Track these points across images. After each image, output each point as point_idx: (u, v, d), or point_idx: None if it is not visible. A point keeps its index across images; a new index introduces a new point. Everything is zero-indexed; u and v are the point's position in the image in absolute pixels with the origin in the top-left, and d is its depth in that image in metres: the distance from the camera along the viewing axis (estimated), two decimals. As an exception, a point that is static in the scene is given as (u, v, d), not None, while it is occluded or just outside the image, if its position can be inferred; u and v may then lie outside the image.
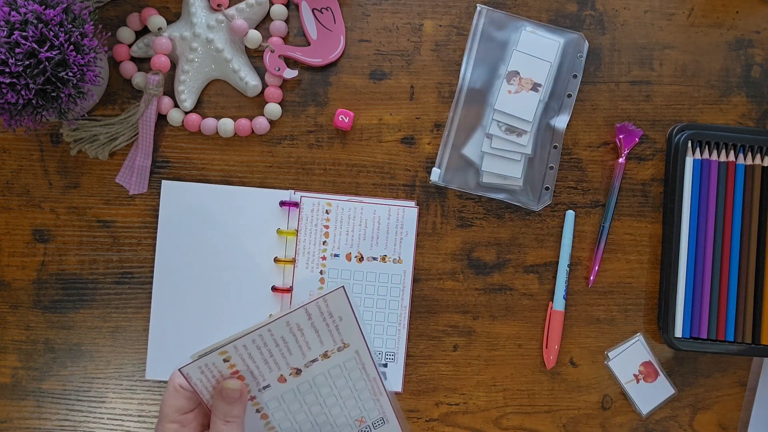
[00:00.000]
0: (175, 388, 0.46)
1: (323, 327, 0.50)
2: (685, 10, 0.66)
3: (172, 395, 0.46)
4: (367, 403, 0.56)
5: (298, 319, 0.48)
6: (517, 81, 0.63)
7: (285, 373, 0.50)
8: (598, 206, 0.66)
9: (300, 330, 0.49)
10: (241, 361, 0.47)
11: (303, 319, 0.49)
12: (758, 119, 0.66)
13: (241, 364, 0.47)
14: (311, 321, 0.49)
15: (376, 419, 0.57)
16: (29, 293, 0.64)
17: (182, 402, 0.46)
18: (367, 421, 0.57)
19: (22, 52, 0.51)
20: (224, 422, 0.46)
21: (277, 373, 0.50)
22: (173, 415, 0.46)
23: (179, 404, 0.46)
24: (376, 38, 0.64)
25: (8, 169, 0.64)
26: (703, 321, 0.64)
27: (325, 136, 0.64)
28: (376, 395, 0.56)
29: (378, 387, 0.56)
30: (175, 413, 0.46)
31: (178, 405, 0.46)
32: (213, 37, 0.62)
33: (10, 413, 0.64)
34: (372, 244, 0.63)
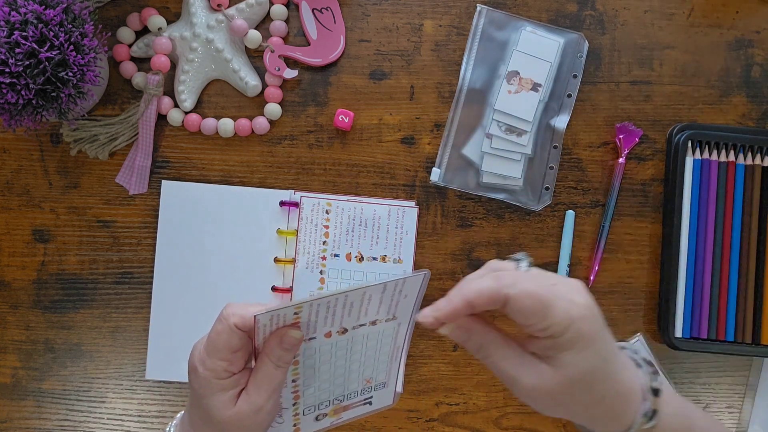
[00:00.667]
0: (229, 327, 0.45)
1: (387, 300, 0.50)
2: (685, 10, 0.66)
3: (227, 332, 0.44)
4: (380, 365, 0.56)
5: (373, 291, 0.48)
6: (517, 81, 0.63)
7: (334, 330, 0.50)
8: (598, 206, 0.66)
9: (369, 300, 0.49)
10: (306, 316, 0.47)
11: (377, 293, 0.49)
12: (758, 119, 0.66)
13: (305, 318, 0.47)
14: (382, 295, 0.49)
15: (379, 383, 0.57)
16: (29, 293, 0.64)
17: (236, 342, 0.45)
18: (372, 383, 0.57)
19: (22, 52, 0.51)
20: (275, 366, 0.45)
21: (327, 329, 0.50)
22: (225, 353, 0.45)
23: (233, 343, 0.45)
24: (376, 38, 0.64)
25: (8, 169, 0.64)
26: (703, 321, 0.64)
27: (325, 136, 0.64)
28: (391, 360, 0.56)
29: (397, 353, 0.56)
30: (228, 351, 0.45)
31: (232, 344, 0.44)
32: (213, 37, 0.62)
33: (10, 413, 0.64)
34: (372, 244, 0.63)
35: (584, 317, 0.38)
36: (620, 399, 0.40)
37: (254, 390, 0.45)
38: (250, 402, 0.45)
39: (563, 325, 0.37)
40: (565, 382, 0.38)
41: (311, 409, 0.57)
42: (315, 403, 0.56)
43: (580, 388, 0.39)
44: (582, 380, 0.38)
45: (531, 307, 0.38)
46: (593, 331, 0.38)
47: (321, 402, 0.56)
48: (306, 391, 0.55)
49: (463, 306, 0.40)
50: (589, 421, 0.41)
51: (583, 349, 0.38)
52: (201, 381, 0.45)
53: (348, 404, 0.57)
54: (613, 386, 0.40)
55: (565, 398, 0.39)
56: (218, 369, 0.44)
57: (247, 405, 0.45)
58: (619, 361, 0.40)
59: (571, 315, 0.38)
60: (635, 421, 0.39)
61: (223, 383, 0.45)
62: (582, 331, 0.38)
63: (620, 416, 0.40)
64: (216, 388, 0.44)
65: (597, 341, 0.39)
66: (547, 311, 0.38)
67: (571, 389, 0.39)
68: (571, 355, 0.38)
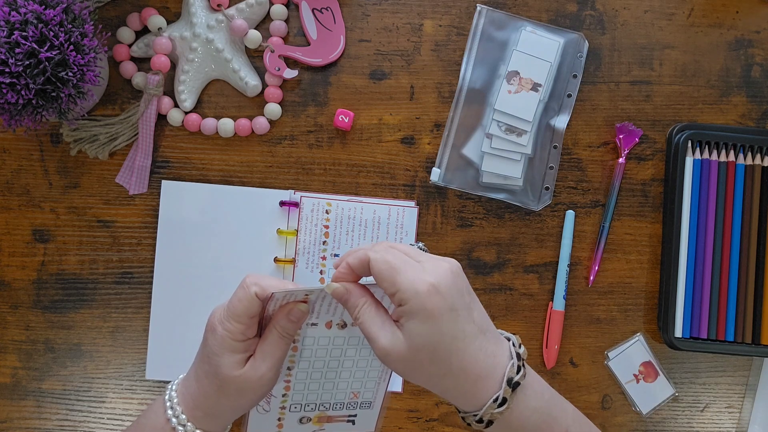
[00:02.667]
0: (250, 295, 0.48)
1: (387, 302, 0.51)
2: (685, 10, 0.66)
3: (248, 300, 0.48)
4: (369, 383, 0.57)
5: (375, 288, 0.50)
6: (517, 81, 0.63)
7: (335, 321, 0.53)
8: (598, 206, 0.66)
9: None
10: (314, 299, 0.50)
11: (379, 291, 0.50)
12: (758, 119, 0.66)
13: (313, 300, 0.50)
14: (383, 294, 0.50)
15: (365, 401, 0.58)
16: (29, 293, 0.64)
17: (254, 309, 0.48)
18: (358, 398, 0.58)
19: (22, 52, 0.51)
20: (281, 336, 0.49)
21: (329, 317, 0.52)
22: (244, 317, 0.48)
23: (252, 310, 0.48)
24: (376, 38, 0.64)
25: (8, 169, 0.64)
26: (703, 321, 0.64)
27: (325, 136, 0.64)
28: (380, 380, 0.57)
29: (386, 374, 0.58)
30: (246, 317, 0.48)
31: (251, 310, 0.48)
32: (213, 37, 0.62)
33: (10, 413, 0.64)
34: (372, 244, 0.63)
35: (429, 293, 0.42)
36: (468, 379, 0.43)
37: (260, 357, 0.49)
38: (255, 368, 0.48)
39: (408, 295, 0.42)
40: (411, 349, 0.42)
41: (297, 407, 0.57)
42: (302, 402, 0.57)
43: (423, 358, 0.43)
44: (423, 350, 0.42)
45: (383, 272, 0.43)
46: (438, 309, 0.42)
47: (308, 403, 0.57)
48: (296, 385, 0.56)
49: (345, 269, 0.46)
50: (441, 393, 0.45)
51: (425, 322, 0.42)
52: (218, 339, 0.48)
53: (332, 415, 0.58)
54: (459, 365, 0.43)
55: (412, 365, 0.43)
56: (236, 331, 0.48)
57: (252, 370, 0.48)
58: (474, 345, 0.43)
59: (416, 288, 0.42)
60: (486, 404, 0.43)
61: (236, 345, 0.48)
62: (425, 305, 0.42)
63: (469, 396, 0.43)
64: (229, 348, 0.48)
65: (441, 319, 0.42)
66: (395, 278, 0.43)
67: (416, 356, 0.43)
68: (415, 325, 0.42)
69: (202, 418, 0.50)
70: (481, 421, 0.44)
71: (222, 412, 0.50)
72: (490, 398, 0.43)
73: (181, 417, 0.50)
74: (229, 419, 0.52)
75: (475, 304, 0.45)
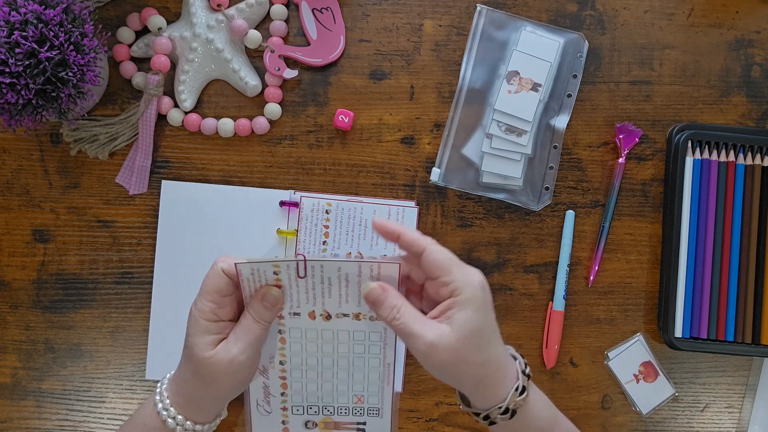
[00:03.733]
0: (217, 271, 0.49)
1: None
2: (685, 10, 0.66)
3: (216, 276, 0.49)
4: (372, 386, 0.57)
5: (348, 269, 0.51)
6: (517, 81, 0.63)
7: (317, 311, 0.53)
8: (598, 206, 0.66)
9: (347, 281, 0.51)
10: (287, 280, 0.50)
11: (353, 273, 0.51)
12: (758, 119, 0.66)
13: (286, 283, 0.50)
14: (359, 278, 0.51)
15: (372, 407, 0.58)
16: (29, 293, 0.64)
17: (223, 285, 0.49)
18: (364, 403, 0.57)
19: (22, 52, 0.51)
20: (254, 320, 0.50)
21: (311, 307, 0.52)
22: (213, 294, 0.49)
23: (220, 286, 0.49)
24: (376, 38, 0.64)
25: (8, 169, 0.64)
26: (703, 321, 0.64)
27: (325, 136, 0.64)
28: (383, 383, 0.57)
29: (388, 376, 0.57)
30: (215, 293, 0.49)
31: (219, 286, 0.49)
32: (213, 37, 0.62)
33: (10, 413, 0.64)
34: (372, 244, 0.63)
35: (480, 286, 0.46)
36: (500, 368, 0.47)
37: (232, 339, 0.49)
38: (227, 350, 0.49)
39: (464, 283, 0.46)
40: (461, 338, 0.45)
41: (300, 409, 0.57)
42: (303, 404, 0.57)
43: (471, 344, 0.46)
44: (472, 337, 0.46)
45: (441, 261, 0.46)
46: (485, 300, 0.46)
47: (310, 405, 0.57)
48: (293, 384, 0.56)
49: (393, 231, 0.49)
50: (473, 386, 0.48)
51: (477, 310, 0.46)
52: (191, 320, 0.49)
53: (339, 421, 0.58)
54: (495, 354, 0.47)
55: (460, 353, 0.46)
56: (206, 309, 0.49)
57: (224, 352, 0.49)
58: (500, 342, 0.48)
59: (471, 279, 0.46)
60: (509, 393, 0.47)
61: (208, 325, 0.49)
62: (476, 295, 0.46)
63: (497, 386, 0.47)
64: (201, 328, 0.49)
65: (487, 310, 0.47)
66: (452, 269, 0.46)
67: (465, 344, 0.45)
68: (467, 313, 0.45)
69: (183, 405, 0.51)
70: (506, 412, 0.47)
71: (200, 399, 0.51)
72: (512, 387, 0.47)
73: (166, 402, 0.51)
74: (209, 408, 0.52)
75: None
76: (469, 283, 0.46)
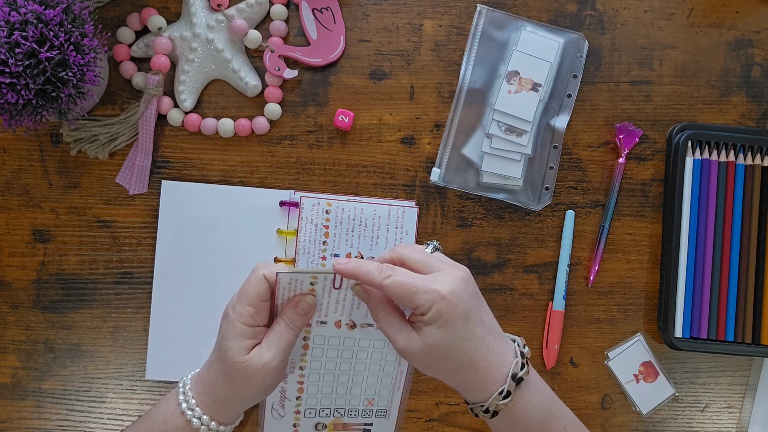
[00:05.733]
0: (259, 276, 0.51)
1: None
2: (685, 10, 0.66)
3: (258, 282, 0.51)
4: (383, 390, 0.58)
5: None
6: (517, 81, 0.63)
7: (343, 321, 0.55)
8: (598, 206, 0.66)
9: None
10: (321, 290, 0.52)
11: None
12: (758, 119, 0.66)
13: (320, 293, 0.52)
14: None
15: (381, 409, 0.59)
16: (29, 293, 0.64)
17: (263, 291, 0.51)
18: (373, 406, 0.60)
19: (22, 52, 0.51)
20: (287, 326, 0.52)
21: (338, 316, 0.55)
22: (253, 299, 0.51)
23: (260, 291, 0.51)
24: (376, 38, 0.64)
25: (8, 169, 0.64)
26: (703, 321, 0.64)
27: (325, 136, 0.64)
28: (394, 388, 0.58)
29: (399, 382, 0.60)
30: (255, 298, 0.51)
31: (259, 292, 0.51)
32: (213, 37, 0.62)
33: (10, 413, 0.64)
34: (372, 244, 0.63)
35: (443, 304, 0.47)
36: (477, 374, 0.49)
37: (266, 345, 0.51)
38: (260, 355, 0.50)
39: (426, 307, 0.47)
40: (426, 348, 0.48)
41: (312, 412, 0.58)
42: (316, 407, 0.57)
43: (438, 355, 0.48)
44: (438, 349, 0.48)
45: (400, 294, 0.48)
46: (451, 315, 0.47)
47: (323, 408, 0.58)
48: (310, 388, 0.57)
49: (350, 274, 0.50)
50: (453, 385, 0.50)
51: (441, 327, 0.47)
52: (228, 323, 0.51)
53: (348, 423, 0.59)
54: (469, 362, 0.48)
55: (427, 361, 0.49)
56: (245, 314, 0.51)
57: (257, 357, 0.50)
58: (483, 344, 0.49)
59: (433, 300, 0.47)
60: (492, 395, 0.48)
61: (244, 329, 0.51)
62: (441, 313, 0.47)
63: (477, 389, 0.49)
64: (237, 332, 0.50)
65: (455, 324, 0.48)
66: (413, 297, 0.47)
67: (431, 355, 0.48)
68: (432, 329, 0.48)
69: (210, 405, 0.52)
70: (487, 411, 0.49)
71: (228, 400, 0.52)
72: (496, 391, 0.48)
73: (191, 401, 0.52)
74: (235, 410, 0.53)
75: (484, 307, 0.50)
76: (431, 305, 0.47)
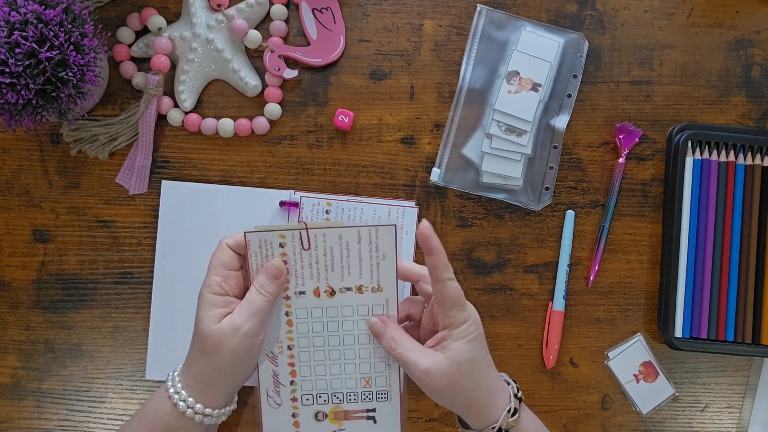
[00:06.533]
0: (222, 246, 0.53)
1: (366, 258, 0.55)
2: (685, 10, 0.66)
3: (220, 251, 0.53)
4: (377, 366, 0.57)
5: (349, 236, 0.54)
6: (517, 81, 0.63)
7: (321, 288, 0.56)
8: (598, 206, 0.66)
9: (347, 249, 0.55)
10: (291, 254, 0.54)
11: (353, 239, 0.54)
12: (758, 119, 0.66)
13: (291, 257, 0.54)
14: (359, 246, 0.54)
15: (380, 390, 0.58)
16: (29, 293, 0.64)
17: (227, 258, 0.53)
18: (371, 387, 0.58)
19: (22, 52, 0.51)
20: (258, 292, 0.53)
21: (315, 284, 0.55)
22: (218, 268, 0.53)
23: (225, 260, 0.53)
24: (376, 38, 0.64)
25: (8, 169, 0.64)
26: (703, 321, 0.64)
27: (325, 136, 0.64)
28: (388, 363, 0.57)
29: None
30: (221, 267, 0.53)
31: (223, 260, 0.53)
32: (213, 37, 0.62)
33: (10, 413, 0.64)
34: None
35: (475, 322, 0.52)
36: (491, 392, 0.52)
37: (237, 311, 0.52)
38: (231, 320, 0.51)
39: (461, 319, 0.51)
40: (453, 365, 0.51)
41: (309, 398, 0.57)
42: (312, 392, 0.57)
43: (464, 371, 0.51)
44: (465, 364, 0.51)
45: (453, 298, 0.51)
46: (478, 334, 0.52)
47: (319, 393, 0.58)
48: (302, 369, 0.57)
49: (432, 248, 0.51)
50: (465, 408, 0.52)
51: (469, 342, 0.51)
52: (199, 298, 0.52)
53: (349, 410, 0.58)
54: (486, 379, 0.52)
55: (452, 379, 0.51)
56: (212, 284, 0.52)
57: (228, 323, 0.51)
58: (492, 369, 0.54)
59: (468, 316, 0.52)
60: (502, 415, 0.52)
61: (214, 298, 0.52)
62: (470, 329, 0.52)
63: (489, 408, 0.52)
64: (207, 302, 0.52)
65: (478, 341, 0.52)
66: (455, 307, 0.51)
67: (458, 371, 0.51)
68: (460, 345, 0.51)
69: (193, 386, 0.52)
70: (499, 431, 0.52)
71: (208, 377, 0.52)
72: (504, 409, 0.52)
73: (178, 386, 0.53)
74: (218, 387, 0.53)
75: None
76: (466, 319, 0.51)
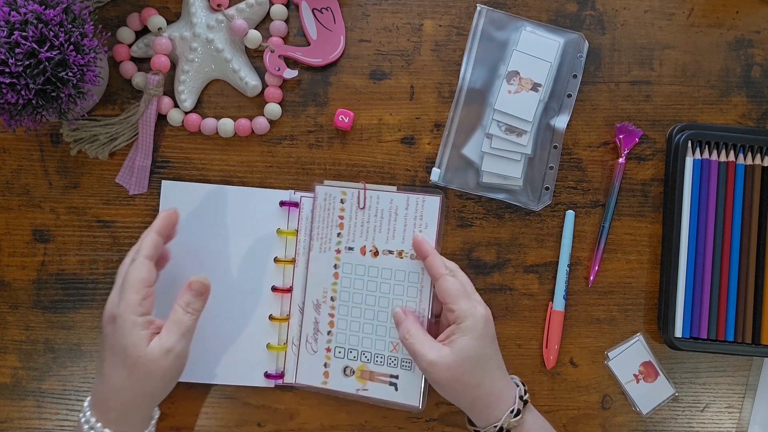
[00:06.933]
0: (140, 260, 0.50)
1: (411, 225, 0.59)
2: (685, 10, 0.66)
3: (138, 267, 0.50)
4: None
5: (398, 201, 0.59)
6: (517, 81, 0.63)
7: (368, 247, 0.60)
8: (598, 206, 0.66)
9: (395, 213, 0.60)
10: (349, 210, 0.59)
11: (402, 205, 0.59)
12: (758, 119, 0.66)
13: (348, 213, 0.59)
14: (406, 212, 0.59)
15: (405, 359, 0.60)
16: (29, 293, 0.64)
17: (145, 273, 0.50)
18: (398, 353, 0.61)
19: (22, 52, 0.51)
20: (184, 311, 0.51)
21: (363, 242, 0.60)
22: (137, 286, 0.49)
23: (143, 275, 0.50)
24: (376, 38, 0.64)
25: (8, 169, 0.64)
26: (703, 321, 0.64)
27: (325, 136, 0.64)
28: None
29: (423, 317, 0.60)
30: (140, 284, 0.50)
31: (141, 276, 0.50)
32: (213, 37, 0.62)
33: (10, 413, 0.64)
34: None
35: (483, 318, 0.53)
36: (494, 392, 0.53)
37: (165, 332, 0.50)
38: (161, 343, 0.49)
39: (468, 313, 0.53)
40: (458, 360, 0.52)
41: (341, 351, 0.61)
42: (345, 346, 0.61)
43: (467, 367, 0.52)
44: (469, 360, 0.52)
45: (450, 291, 0.53)
46: (484, 332, 0.53)
47: (350, 348, 0.61)
48: (339, 322, 0.61)
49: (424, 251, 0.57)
50: (469, 404, 0.54)
51: (476, 339, 0.52)
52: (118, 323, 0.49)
53: (374, 372, 0.61)
54: (490, 379, 0.53)
55: (455, 373, 0.52)
56: (133, 304, 0.49)
57: (158, 346, 0.49)
58: (499, 369, 0.55)
59: (475, 311, 0.53)
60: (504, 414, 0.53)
61: (137, 320, 0.49)
62: (477, 326, 0.53)
63: (491, 407, 0.53)
64: (131, 324, 0.49)
65: (485, 340, 0.53)
66: (459, 299, 0.53)
67: (461, 366, 0.52)
68: (466, 340, 0.52)
69: (116, 419, 0.49)
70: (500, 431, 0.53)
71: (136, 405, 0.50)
72: (507, 410, 0.53)
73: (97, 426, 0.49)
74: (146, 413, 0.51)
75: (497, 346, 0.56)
76: (473, 314, 0.53)
